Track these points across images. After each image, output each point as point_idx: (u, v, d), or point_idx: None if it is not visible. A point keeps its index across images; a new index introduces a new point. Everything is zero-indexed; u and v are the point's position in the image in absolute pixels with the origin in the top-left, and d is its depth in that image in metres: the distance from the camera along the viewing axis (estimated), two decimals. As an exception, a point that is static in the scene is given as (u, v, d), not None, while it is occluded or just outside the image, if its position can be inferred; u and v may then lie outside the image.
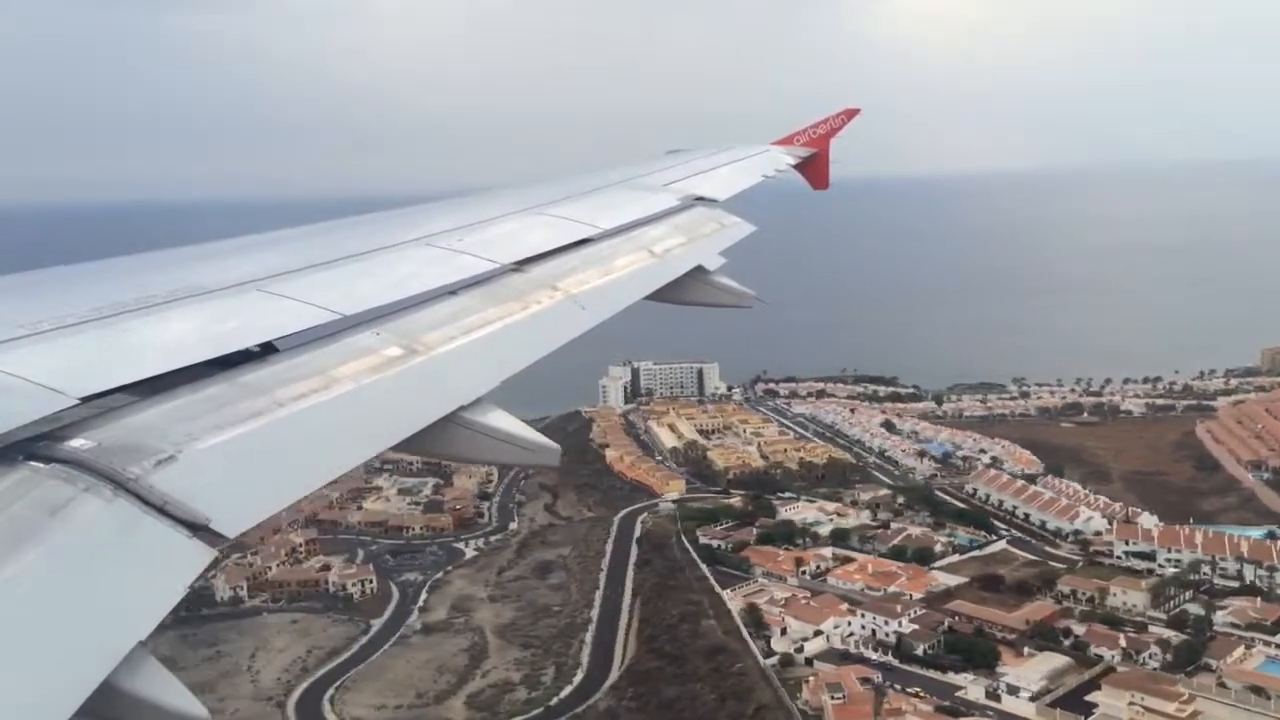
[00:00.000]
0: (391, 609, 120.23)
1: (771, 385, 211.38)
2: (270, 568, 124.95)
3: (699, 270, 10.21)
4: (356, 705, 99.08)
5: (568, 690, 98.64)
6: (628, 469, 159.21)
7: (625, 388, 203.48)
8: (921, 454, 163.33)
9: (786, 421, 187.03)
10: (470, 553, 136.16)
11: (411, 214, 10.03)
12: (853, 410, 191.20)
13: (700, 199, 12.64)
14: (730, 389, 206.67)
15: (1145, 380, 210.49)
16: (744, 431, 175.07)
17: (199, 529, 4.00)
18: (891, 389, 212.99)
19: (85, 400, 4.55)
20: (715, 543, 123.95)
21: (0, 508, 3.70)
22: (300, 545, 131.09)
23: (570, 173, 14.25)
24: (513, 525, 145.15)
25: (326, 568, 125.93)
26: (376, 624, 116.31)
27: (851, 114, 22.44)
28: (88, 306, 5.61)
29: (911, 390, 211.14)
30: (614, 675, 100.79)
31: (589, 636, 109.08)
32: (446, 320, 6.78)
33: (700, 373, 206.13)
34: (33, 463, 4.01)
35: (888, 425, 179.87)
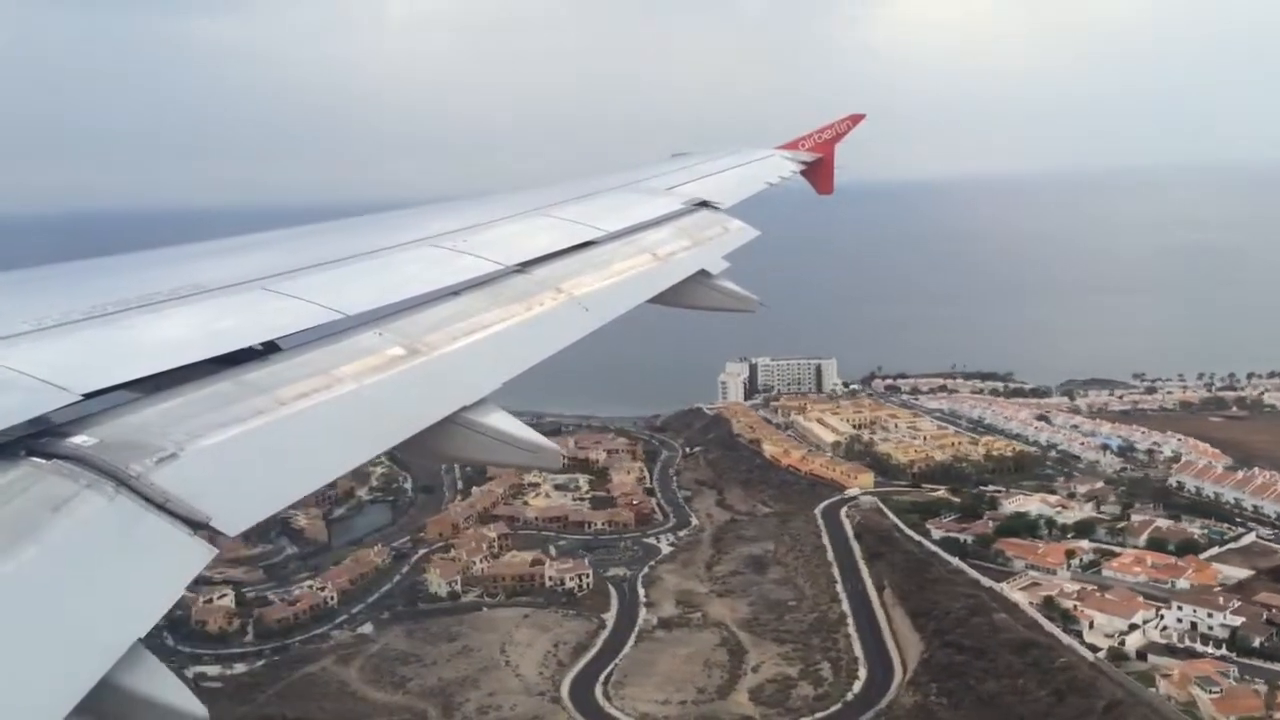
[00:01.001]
0: (615, 604, 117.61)
1: (890, 381, 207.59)
2: (474, 562, 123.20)
3: (702, 274, 10.22)
4: (638, 700, 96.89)
5: (858, 685, 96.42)
6: (798, 463, 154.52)
7: (744, 384, 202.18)
8: (1104, 448, 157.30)
9: (935, 417, 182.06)
10: (664, 548, 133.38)
11: (415, 215, 10.03)
12: (989, 405, 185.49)
13: (704, 203, 12.64)
14: (846, 385, 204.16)
15: (1272, 375, 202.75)
16: (895, 426, 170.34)
17: (200, 527, 4.00)
18: (1009, 385, 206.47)
19: (88, 397, 4.55)
20: (952, 535, 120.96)
21: (1, 503, 3.70)
22: (494, 540, 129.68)
23: (574, 176, 14.27)
24: (694, 521, 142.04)
25: (539, 562, 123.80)
26: (607, 618, 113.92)
27: (856, 119, 22.46)
28: (91, 303, 5.62)
29: (1032, 386, 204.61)
30: (899, 671, 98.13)
31: (851, 630, 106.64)
32: (449, 321, 6.78)
33: (819, 369, 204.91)
34: (35, 459, 4.01)
35: (1043, 419, 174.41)
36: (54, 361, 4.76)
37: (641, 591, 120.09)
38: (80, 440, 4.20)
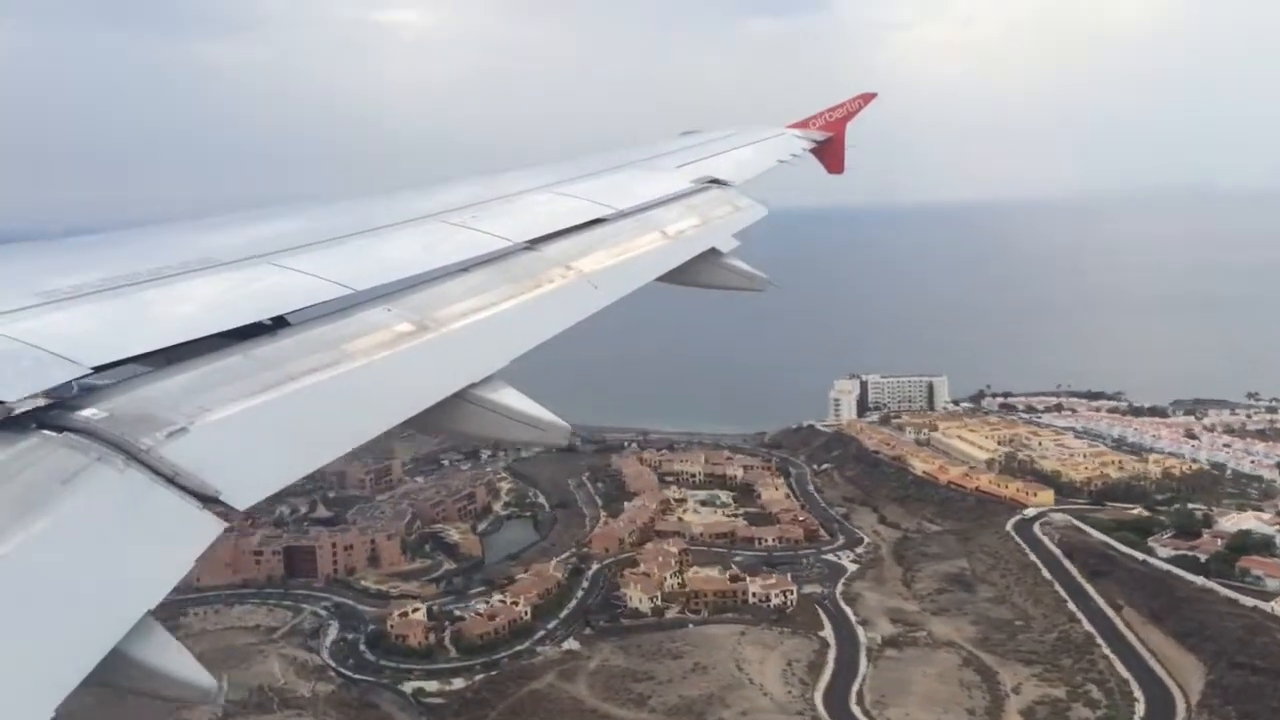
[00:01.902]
0: (827, 621, 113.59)
1: (1003, 399, 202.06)
2: (665, 578, 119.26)
3: (712, 253, 10.19)
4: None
5: (1140, 707, 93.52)
6: (960, 480, 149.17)
7: (856, 401, 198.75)
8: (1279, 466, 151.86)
9: (1075, 435, 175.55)
10: (847, 565, 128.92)
11: (424, 191, 10.01)
12: (1129, 424, 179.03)
13: (714, 181, 12.59)
14: (955, 402, 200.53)
15: None
16: (1040, 444, 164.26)
17: (209, 500, 4.02)
18: (1121, 403, 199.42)
19: (98, 370, 4.56)
20: (1182, 553, 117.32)
21: (12, 475, 3.72)
22: (677, 555, 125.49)
23: (584, 153, 14.20)
24: (866, 539, 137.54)
25: (737, 578, 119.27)
26: (825, 635, 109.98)
27: (868, 98, 22.28)
28: (101, 276, 5.62)
29: (1149, 405, 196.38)
30: (1177, 694, 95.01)
31: (1106, 651, 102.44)
32: (458, 297, 6.78)
33: (930, 386, 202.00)
34: (45, 431, 4.03)
35: (1191, 436, 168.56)
36: (64, 334, 4.77)
37: (847, 609, 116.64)
38: (90, 413, 4.21)
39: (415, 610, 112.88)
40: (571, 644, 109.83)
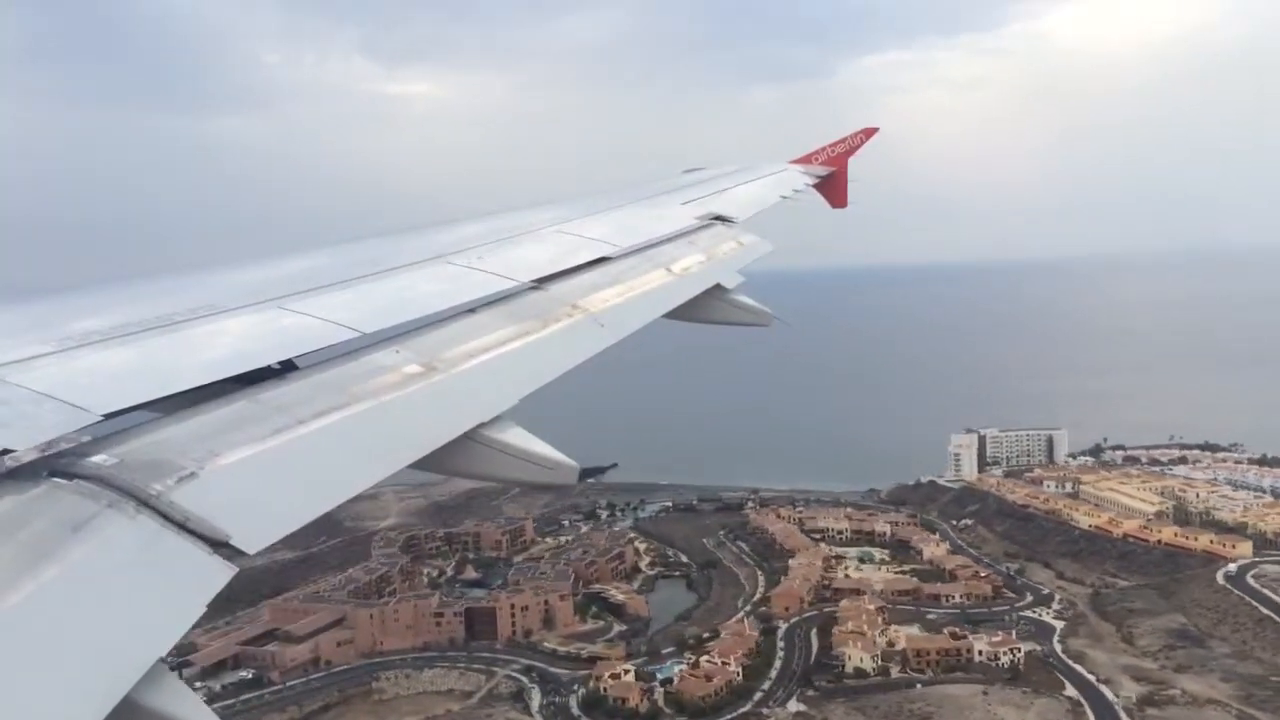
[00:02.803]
0: (1065, 680, 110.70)
1: (1122, 452, 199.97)
2: (872, 636, 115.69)
3: (718, 289, 10.22)
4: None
5: None
6: (1139, 533, 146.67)
7: (974, 456, 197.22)
8: None
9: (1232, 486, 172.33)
10: (1051, 622, 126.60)
11: (430, 232, 10.06)
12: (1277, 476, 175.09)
13: (719, 217, 12.64)
14: (1073, 456, 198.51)
15: None
16: (1193, 495, 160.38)
17: (220, 545, 4.01)
18: (1247, 454, 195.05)
19: (108, 417, 4.58)
20: None
21: (23, 523, 3.72)
22: (874, 613, 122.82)
23: (589, 192, 14.27)
24: (1056, 595, 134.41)
25: (958, 636, 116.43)
26: (1069, 695, 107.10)
27: (870, 133, 22.39)
28: (110, 324, 5.65)
29: (1273, 455, 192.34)
30: None
31: None
32: (466, 338, 6.80)
33: (1050, 439, 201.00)
34: (56, 479, 4.03)
35: None
36: (74, 382, 4.80)
37: (1077, 667, 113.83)
38: (101, 460, 4.22)
39: (626, 672, 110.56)
40: (796, 705, 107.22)
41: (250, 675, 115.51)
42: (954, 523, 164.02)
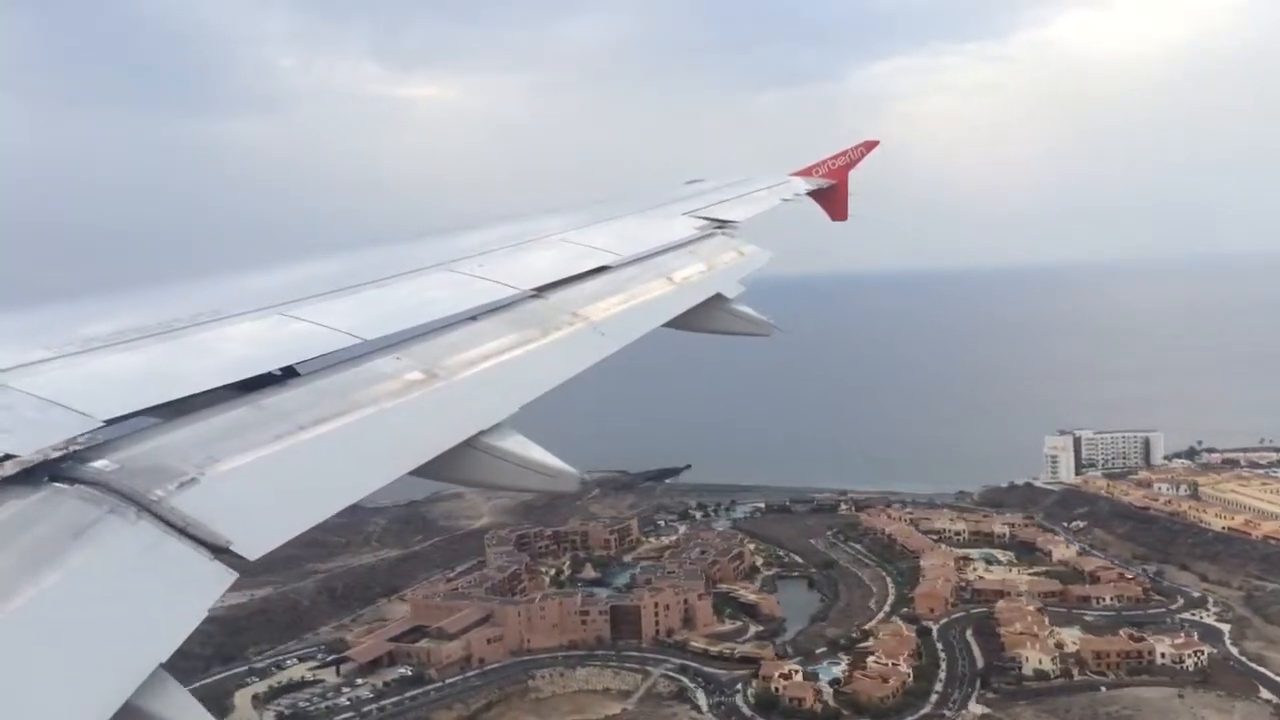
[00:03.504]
0: (1258, 683, 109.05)
1: (1218, 454, 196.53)
2: (1040, 637, 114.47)
3: (718, 298, 10.24)
4: None
5: None
6: None
7: (1071, 458, 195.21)
8: None
9: None
10: (1211, 622, 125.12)
11: (431, 240, 10.08)
12: None
13: (720, 227, 12.67)
14: (1168, 458, 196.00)
15: None
16: None
17: (220, 551, 4.01)
18: None
19: (109, 423, 4.59)
20: None
21: (24, 528, 3.72)
22: (1033, 613, 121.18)
23: (590, 201, 14.30)
24: (1209, 598, 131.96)
25: (1138, 639, 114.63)
26: (1267, 698, 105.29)
27: (871, 145, 22.40)
28: (112, 329, 5.66)
29: None
30: None
31: None
32: (467, 345, 6.81)
33: (1147, 441, 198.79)
34: (57, 484, 4.04)
35: None
36: (76, 388, 4.80)
37: (1263, 670, 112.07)
38: (102, 465, 4.23)
39: (795, 672, 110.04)
40: (977, 707, 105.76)
41: (410, 672, 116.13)
42: (1065, 525, 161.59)
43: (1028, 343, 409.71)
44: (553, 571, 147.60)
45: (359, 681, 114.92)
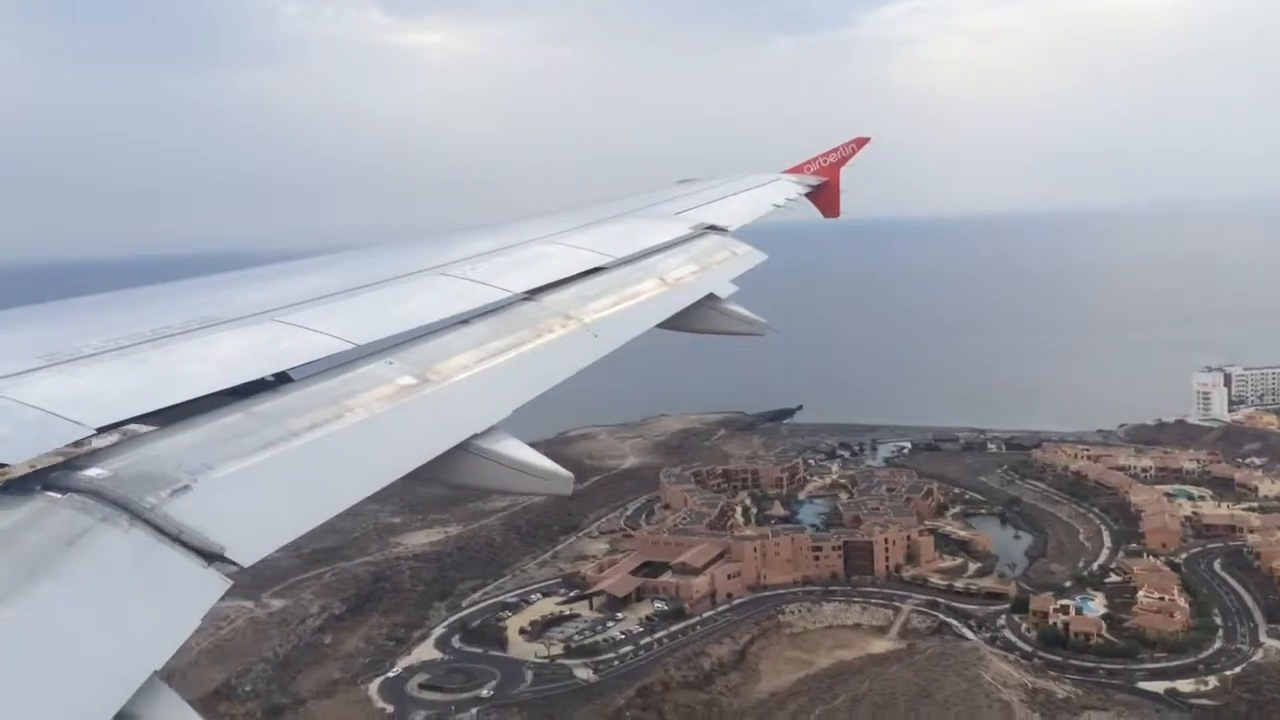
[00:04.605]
0: None
1: None
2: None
3: (711, 298, 10.24)
4: None
5: None
6: None
7: (1224, 395, 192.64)
8: None
9: None
10: None
11: (424, 243, 10.08)
12: None
13: (712, 227, 12.67)
14: None
15: None
16: None
17: (214, 558, 4.01)
18: None
19: (102, 430, 4.58)
20: None
21: (17, 537, 3.72)
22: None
23: (583, 203, 14.31)
24: None
25: None
26: None
27: (861, 142, 22.42)
28: (104, 337, 5.65)
29: None
30: None
31: None
32: (459, 349, 6.80)
33: None
34: (50, 492, 4.03)
35: None
36: (68, 396, 4.79)
37: None
38: (94, 473, 4.22)
39: (1075, 609, 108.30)
40: (1271, 641, 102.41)
41: (666, 607, 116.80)
42: (1239, 461, 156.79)
43: (1125, 283, 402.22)
44: (738, 509, 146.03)
45: (619, 615, 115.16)
